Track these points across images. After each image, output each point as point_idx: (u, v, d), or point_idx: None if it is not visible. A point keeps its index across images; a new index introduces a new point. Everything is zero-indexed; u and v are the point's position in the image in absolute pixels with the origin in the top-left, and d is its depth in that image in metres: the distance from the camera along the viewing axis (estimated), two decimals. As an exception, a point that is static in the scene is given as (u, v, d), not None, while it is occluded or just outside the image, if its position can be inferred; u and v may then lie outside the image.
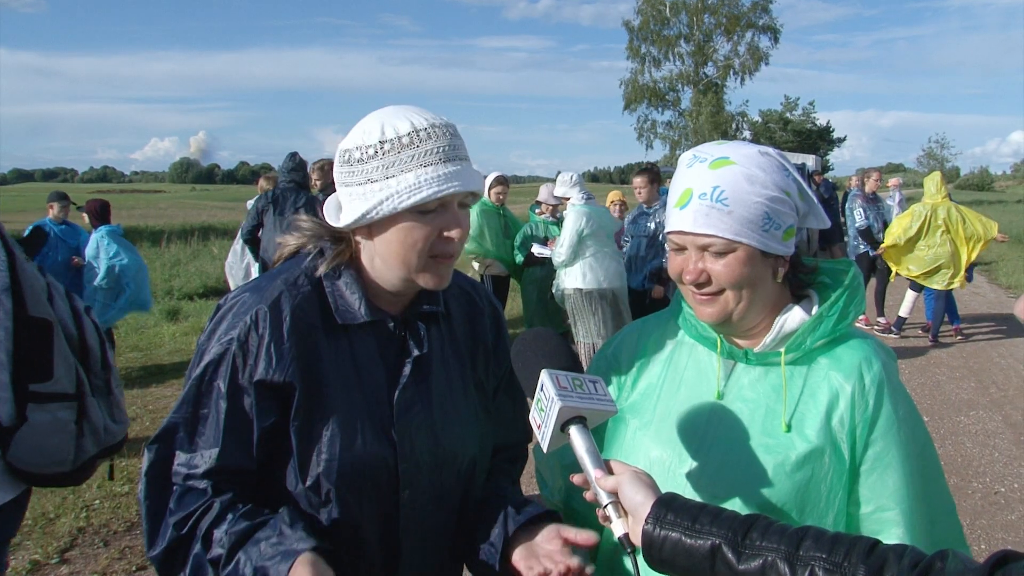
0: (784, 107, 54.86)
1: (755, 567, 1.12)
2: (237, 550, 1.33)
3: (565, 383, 1.34)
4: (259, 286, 1.48)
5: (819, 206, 1.49)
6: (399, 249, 1.42)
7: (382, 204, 1.38)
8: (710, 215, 1.38)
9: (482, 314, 1.68)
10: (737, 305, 1.43)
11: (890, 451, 1.40)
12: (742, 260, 1.40)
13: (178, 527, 1.36)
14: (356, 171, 1.41)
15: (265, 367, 1.40)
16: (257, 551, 1.31)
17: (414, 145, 1.38)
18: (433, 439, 1.51)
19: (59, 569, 4.37)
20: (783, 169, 1.43)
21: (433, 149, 1.39)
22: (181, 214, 38.69)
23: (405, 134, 1.39)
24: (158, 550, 1.37)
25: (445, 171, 1.38)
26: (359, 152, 1.41)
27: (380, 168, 1.39)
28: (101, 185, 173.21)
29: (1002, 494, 5.31)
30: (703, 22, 43.64)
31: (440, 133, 1.40)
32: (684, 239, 1.43)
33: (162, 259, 17.81)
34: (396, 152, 1.38)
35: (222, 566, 1.33)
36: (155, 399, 7.85)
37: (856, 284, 1.49)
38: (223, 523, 1.35)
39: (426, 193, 1.36)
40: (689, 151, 1.49)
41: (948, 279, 9.33)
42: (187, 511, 1.37)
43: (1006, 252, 19.02)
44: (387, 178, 1.38)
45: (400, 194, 1.37)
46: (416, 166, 1.38)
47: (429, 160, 1.38)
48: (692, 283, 1.44)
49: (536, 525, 1.49)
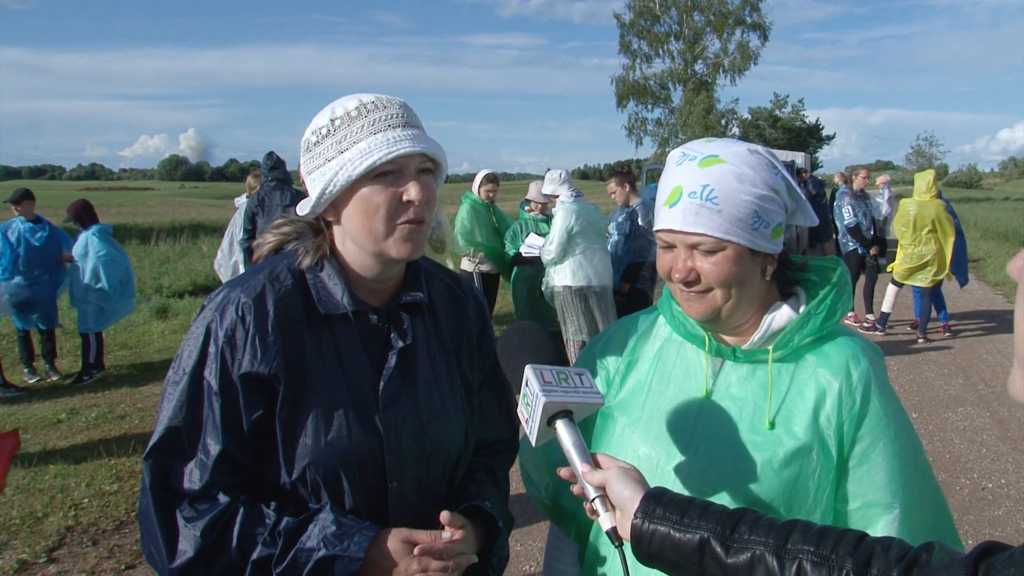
0: (773, 104, 55.00)
1: (743, 561, 1.13)
2: (292, 546, 1.36)
3: (550, 377, 1.34)
4: (243, 281, 1.49)
5: (808, 204, 1.49)
6: (362, 220, 1.43)
7: (337, 175, 1.40)
8: (700, 214, 1.39)
9: (466, 308, 1.69)
10: (725, 303, 1.44)
11: (877, 448, 1.41)
12: (731, 259, 1.40)
13: (205, 535, 1.35)
14: (314, 155, 1.45)
15: (251, 360, 1.40)
16: (316, 542, 1.36)
17: (362, 116, 1.42)
18: (419, 430, 1.52)
19: (47, 568, 4.35)
20: (772, 167, 1.43)
21: (382, 117, 1.42)
22: (170, 211, 38.49)
23: (353, 108, 1.43)
24: (181, 561, 1.36)
25: (395, 135, 1.41)
26: (314, 136, 1.45)
27: (333, 145, 1.42)
28: (89, 183, 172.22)
29: (989, 490, 5.35)
30: (692, 19, 43.68)
31: (387, 104, 1.44)
32: (674, 237, 1.43)
33: (151, 257, 17.74)
34: (346, 126, 1.42)
35: (275, 563, 1.36)
36: (144, 397, 7.82)
37: (843, 282, 1.50)
38: (259, 524, 1.38)
39: (377, 156, 1.38)
40: (678, 148, 1.49)
41: (932, 276, 9.40)
42: (209, 518, 1.36)
43: (994, 249, 19.15)
44: (340, 152, 1.41)
45: (352, 162, 1.39)
46: (366, 135, 1.41)
47: (379, 127, 1.41)
48: (681, 281, 1.44)
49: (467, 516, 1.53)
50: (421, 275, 1.60)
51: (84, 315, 8.33)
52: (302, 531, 1.38)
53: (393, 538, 1.41)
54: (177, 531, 1.37)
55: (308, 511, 1.42)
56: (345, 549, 1.36)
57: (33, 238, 8.16)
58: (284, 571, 1.35)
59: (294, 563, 1.35)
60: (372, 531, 1.40)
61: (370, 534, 1.39)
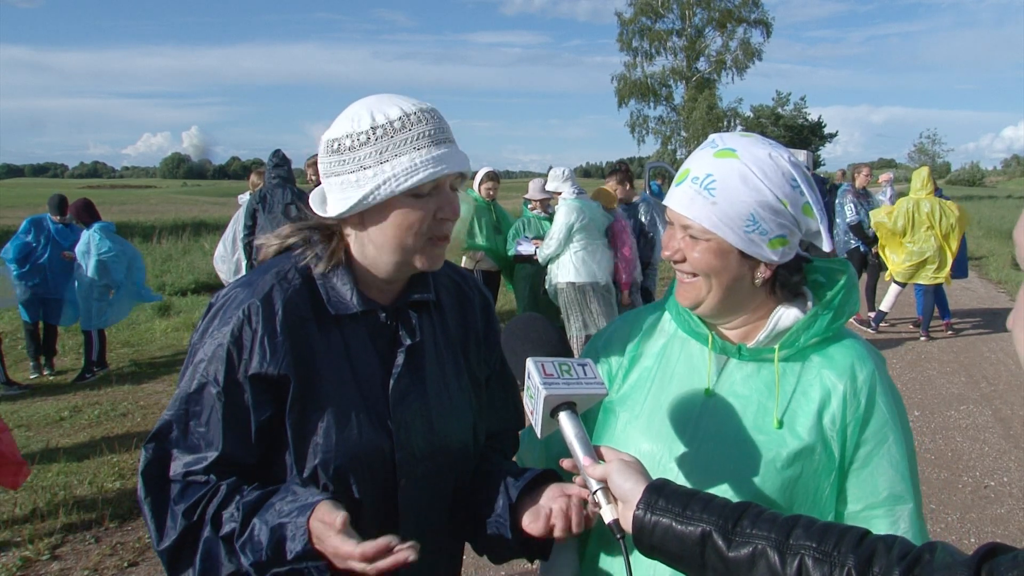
0: (776, 102, 54.97)
1: (745, 555, 1.13)
2: (251, 518, 1.34)
3: (551, 370, 1.34)
4: (251, 281, 1.49)
5: (827, 228, 1.45)
6: (395, 233, 1.43)
7: (379, 189, 1.39)
8: (694, 200, 1.40)
9: (472, 303, 1.69)
10: (708, 294, 1.45)
11: (881, 451, 1.41)
12: (714, 250, 1.41)
13: (187, 515, 1.37)
14: (347, 159, 1.42)
15: (259, 361, 1.41)
16: (273, 512, 1.33)
17: (406, 129, 1.40)
18: (429, 428, 1.52)
19: (50, 566, 4.36)
20: (789, 178, 1.40)
21: (424, 132, 1.41)
22: (172, 209, 38.50)
23: (396, 119, 1.40)
24: (168, 542, 1.37)
25: (437, 153, 1.40)
26: (349, 140, 1.41)
27: (373, 154, 1.40)
28: (92, 180, 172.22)
29: (992, 488, 5.34)
30: (694, 16, 43.61)
31: (429, 117, 1.43)
32: (672, 215, 1.46)
33: (153, 255, 17.74)
34: (389, 137, 1.40)
35: (236, 537, 1.34)
36: (146, 395, 7.83)
37: (851, 284, 1.50)
38: (232, 502, 1.37)
39: (422, 175, 1.38)
40: (716, 134, 1.50)
41: (933, 274, 9.38)
42: (193, 499, 1.38)
43: (996, 247, 19.11)
44: (380, 163, 1.39)
45: (397, 178, 1.38)
46: (410, 149, 1.39)
47: (422, 143, 1.40)
48: (670, 257, 1.47)
49: (539, 487, 1.50)
50: (428, 273, 1.60)
51: (87, 313, 8.36)
52: (263, 503, 1.36)
53: (318, 513, 1.29)
54: (166, 514, 1.38)
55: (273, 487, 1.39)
56: (295, 514, 1.30)
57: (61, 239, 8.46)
58: (243, 544, 1.33)
59: (251, 535, 1.33)
60: (316, 498, 1.31)
61: (314, 500, 1.31)
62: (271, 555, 1.30)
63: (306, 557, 1.28)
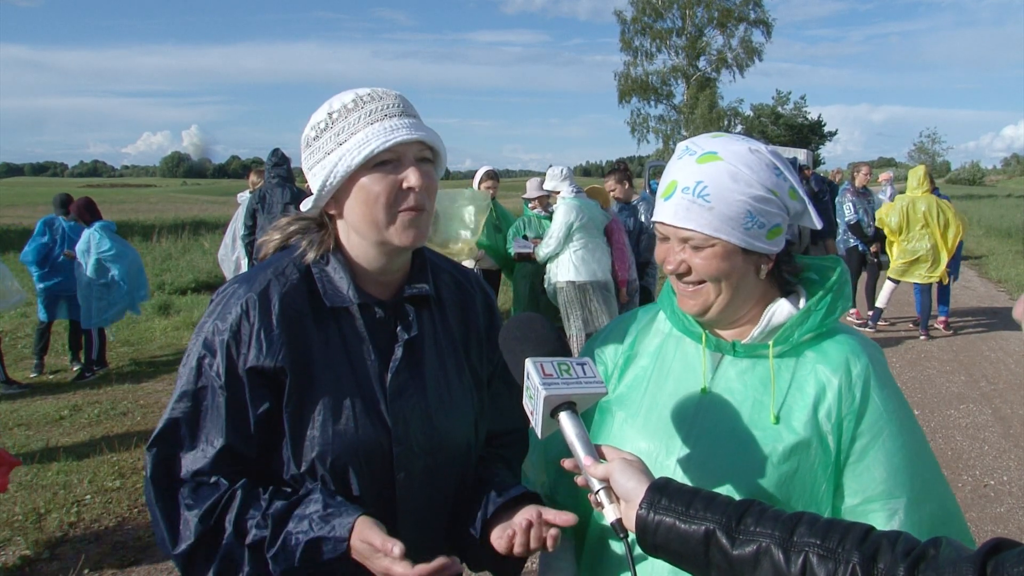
0: (776, 101, 54.99)
1: (749, 553, 1.13)
2: (282, 528, 1.36)
3: (550, 370, 1.34)
4: (249, 277, 1.51)
5: (812, 207, 1.49)
6: (363, 210, 1.45)
7: (336, 167, 1.42)
8: (691, 210, 1.40)
9: (473, 300, 1.69)
10: (717, 298, 1.45)
11: (877, 444, 1.41)
12: (720, 255, 1.41)
13: (204, 520, 1.38)
14: (314, 150, 1.47)
15: (256, 354, 1.42)
16: (306, 525, 1.35)
17: (359, 108, 1.44)
18: (427, 422, 1.52)
19: (50, 564, 4.36)
20: (772, 168, 1.43)
21: (378, 107, 1.44)
22: (172, 208, 38.54)
23: (349, 101, 1.45)
24: (184, 547, 1.38)
25: (392, 123, 1.42)
26: (313, 132, 1.47)
27: (332, 138, 1.44)
28: (91, 179, 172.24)
29: (991, 487, 5.35)
30: (695, 15, 43.61)
31: (383, 95, 1.46)
32: (667, 230, 1.46)
33: (153, 253, 17.74)
34: (343, 118, 1.44)
35: (267, 547, 1.36)
36: (147, 394, 7.83)
37: (843, 280, 1.51)
38: (253, 508, 1.39)
39: (374, 144, 1.40)
40: (684, 141, 1.50)
41: (927, 272, 9.37)
42: (207, 504, 1.38)
43: (996, 246, 19.13)
44: (339, 145, 1.43)
45: (351, 152, 1.41)
46: (364, 125, 1.43)
47: (375, 117, 1.43)
48: (673, 272, 1.47)
49: (516, 506, 1.50)
50: (427, 268, 1.61)
51: (87, 311, 8.36)
52: (291, 513, 1.38)
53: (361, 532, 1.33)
54: (179, 518, 1.39)
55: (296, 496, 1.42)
56: (331, 530, 1.35)
57: (75, 236, 8.53)
58: (276, 555, 1.36)
59: (284, 546, 1.36)
60: (356, 513, 1.37)
61: (355, 515, 1.36)
62: (301, 564, 1.35)
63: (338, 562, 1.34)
